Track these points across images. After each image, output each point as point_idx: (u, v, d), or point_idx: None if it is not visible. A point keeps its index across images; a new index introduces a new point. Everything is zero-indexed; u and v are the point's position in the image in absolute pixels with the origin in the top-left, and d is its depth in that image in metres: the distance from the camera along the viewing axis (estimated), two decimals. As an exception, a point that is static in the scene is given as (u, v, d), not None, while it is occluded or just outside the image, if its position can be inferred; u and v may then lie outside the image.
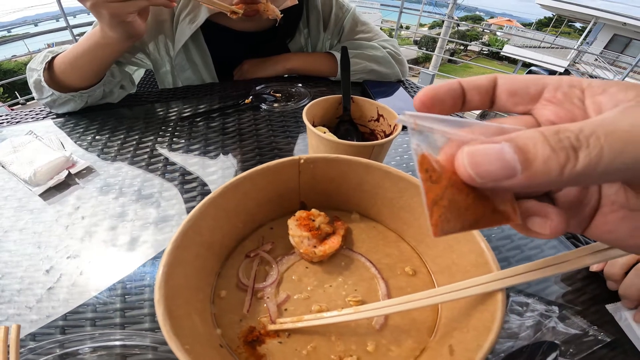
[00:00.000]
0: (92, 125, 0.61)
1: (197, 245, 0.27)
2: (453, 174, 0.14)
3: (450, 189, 0.14)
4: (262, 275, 0.31)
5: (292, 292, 0.30)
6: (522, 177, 0.12)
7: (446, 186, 0.14)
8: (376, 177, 0.32)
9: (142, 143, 0.56)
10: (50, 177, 0.47)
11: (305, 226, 0.31)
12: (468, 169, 0.13)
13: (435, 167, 0.14)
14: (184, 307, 0.25)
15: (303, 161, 0.32)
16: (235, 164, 0.51)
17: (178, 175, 0.49)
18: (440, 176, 0.14)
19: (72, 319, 0.32)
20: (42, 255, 0.38)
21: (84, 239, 0.40)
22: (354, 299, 0.30)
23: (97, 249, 0.39)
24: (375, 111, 0.45)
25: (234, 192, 0.29)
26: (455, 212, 0.14)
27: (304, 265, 0.32)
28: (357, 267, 0.32)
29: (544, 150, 0.12)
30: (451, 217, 0.14)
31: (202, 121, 0.61)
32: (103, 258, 0.38)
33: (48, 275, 0.36)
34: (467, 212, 0.15)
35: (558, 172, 0.12)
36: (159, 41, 0.68)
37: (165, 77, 0.74)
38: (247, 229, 0.34)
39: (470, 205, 0.15)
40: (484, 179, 0.13)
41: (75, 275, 0.36)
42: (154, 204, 0.44)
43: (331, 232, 0.32)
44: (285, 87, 0.72)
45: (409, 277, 0.32)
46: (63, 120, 0.62)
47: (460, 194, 0.14)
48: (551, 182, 0.12)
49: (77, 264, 0.37)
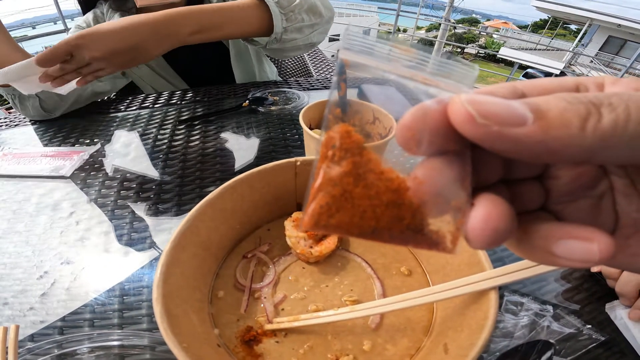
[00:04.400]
0: (88, 129, 0.61)
1: (195, 246, 0.28)
2: (369, 162, 0.11)
3: (353, 178, 0.11)
4: (259, 276, 0.32)
5: (288, 292, 0.31)
6: (535, 126, 0.09)
7: (349, 172, 0.11)
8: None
9: (140, 146, 0.56)
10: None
11: (301, 227, 0.32)
12: (466, 105, 0.10)
13: (349, 145, 0.11)
14: (182, 306, 0.25)
15: (299, 163, 0.32)
16: (233, 167, 0.51)
17: (176, 177, 0.49)
18: (345, 156, 0.11)
19: (70, 319, 0.32)
20: (38, 259, 0.38)
21: (80, 243, 0.40)
22: (350, 299, 0.30)
23: (94, 252, 0.39)
24: (371, 114, 0.46)
25: (231, 193, 0.30)
26: (347, 209, 0.11)
27: (300, 265, 0.33)
28: (353, 267, 0.33)
29: (558, 102, 0.10)
30: (337, 212, 0.11)
31: (200, 124, 0.62)
32: (101, 261, 0.38)
33: (45, 279, 0.36)
34: (365, 215, 0.11)
35: (579, 125, 0.09)
36: None
37: (133, 78, 0.77)
38: (244, 230, 0.34)
39: (374, 207, 0.11)
40: (487, 119, 0.10)
41: (72, 279, 0.36)
42: (150, 207, 0.44)
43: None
44: (282, 90, 0.73)
45: (404, 277, 0.33)
46: (60, 123, 0.62)
47: (366, 189, 0.11)
48: (572, 139, 0.09)
49: (74, 268, 0.37)
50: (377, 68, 0.11)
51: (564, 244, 0.11)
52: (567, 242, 0.11)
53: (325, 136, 0.11)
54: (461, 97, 0.10)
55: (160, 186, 0.48)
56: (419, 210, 0.11)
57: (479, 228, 0.11)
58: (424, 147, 0.11)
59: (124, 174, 0.50)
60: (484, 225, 0.11)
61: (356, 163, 0.11)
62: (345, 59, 0.11)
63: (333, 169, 0.11)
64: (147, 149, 0.55)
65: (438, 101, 0.11)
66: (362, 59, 0.11)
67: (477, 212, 0.11)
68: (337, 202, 0.11)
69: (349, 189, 0.11)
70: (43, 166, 0.50)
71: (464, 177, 0.11)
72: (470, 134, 0.10)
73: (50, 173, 0.49)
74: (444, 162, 0.11)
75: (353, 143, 0.11)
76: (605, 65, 9.87)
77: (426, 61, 0.11)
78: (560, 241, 0.11)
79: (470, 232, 0.11)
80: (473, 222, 0.11)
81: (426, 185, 0.11)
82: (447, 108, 0.11)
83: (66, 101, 0.62)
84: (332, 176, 0.11)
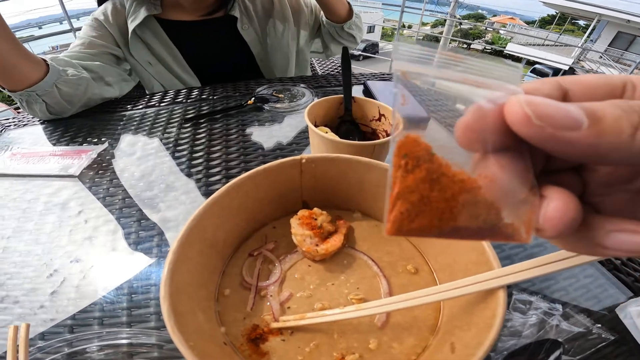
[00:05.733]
0: (95, 129, 0.61)
1: (201, 243, 0.28)
2: (440, 166, 0.12)
3: (428, 183, 0.12)
4: (265, 274, 0.32)
5: (294, 290, 0.31)
6: (589, 131, 0.10)
7: (424, 178, 0.12)
8: (377, 175, 0.33)
9: (147, 145, 0.57)
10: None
11: (307, 225, 0.32)
12: (524, 106, 0.10)
13: (420, 153, 0.12)
14: (189, 304, 0.25)
15: (305, 161, 0.32)
16: (239, 165, 0.52)
17: (182, 176, 0.49)
18: (419, 164, 0.12)
19: (80, 318, 0.32)
20: (48, 257, 0.38)
21: (88, 242, 0.40)
22: (356, 297, 0.30)
23: (102, 250, 0.39)
24: (377, 111, 0.46)
25: (237, 191, 0.30)
26: (426, 213, 0.12)
27: (306, 263, 0.33)
28: (359, 265, 0.33)
29: (613, 110, 0.10)
30: (417, 216, 0.12)
31: (206, 122, 0.62)
32: (109, 259, 0.38)
33: (54, 278, 0.36)
34: (443, 216, 0.12)
35: (630, 132, 0.10)
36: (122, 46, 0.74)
37: (142, 76, 0.80)
38: (250, 228, 0.34)
39: (451, 208, 0.12)
40: (543, 120, 0.10)
41: (81, 277, 0.36)
42: (157, 205, 0.45)
43: (333, 230, 0.33)
44: (287, 87, 0.73)
45: (410, 275, 0.32)
46: (68, 123, 0.63)
47: (442, 192, 0.12)
48: (621, 145, 0.10)
49: (83, 266, 0.37)
50: (433, 76, 0.12)
51: (615, 236, 0.12)
52: (617, 234, 0.12)
53: (396, 147, 0.12)
54: (519, 98, 0.11)
55: (166, 185, 0.48)
56: (492, 206, 0.12)
57: (556, 218, 0.11)
58: (487, 145, 0.12)
59: (132, 172, 0.50)
60: (561, 215, 0.11)
61: (429, 169, 0.12)
62: (402, 70, 0.12)
63: (408, 177, 0.12)
64: (153, 147, 0.56)
65: (492, 101, 0.11)
66: (417, 69, 0.12)
67: (554, 204, 0.12)
68: (417, 208, 0.12)
69: (426, 194, 0.12)
70: (52, 165, 0.51)
71: (528, 171, 0.12)
72: (525, 133, 0.11)
73: (59, 172, 0.49)
74: (508, 159, 0.12)
75: (422, 150, 0.12)
76: (615, 61, 9.71)
77: (474, 64, 0.12)
78: (611, 233, 0.12)
79: (547, 222, 0.12)
80: (551, 213, 0.12)
81: (496, 182, 0.12)
82: (505, 108, 0.11)
83: (74, 106, 0.63)
84: (409, 184, 0.12)
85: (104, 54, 0.70)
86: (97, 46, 0.70)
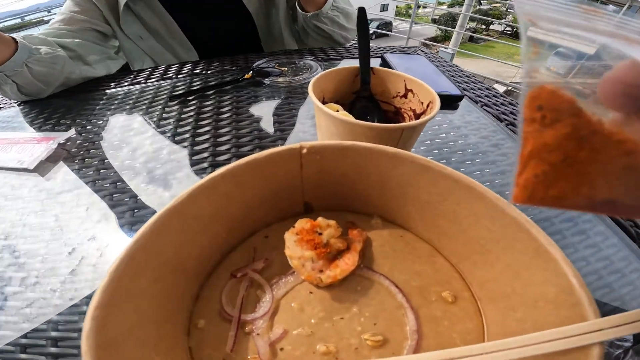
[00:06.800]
0: (72, 109, 0.53)
1: (156, 269, 0.20)
2: (590, 123, 0.10)
3: (575, 141, 0.10)
4: (252, 302, 0.24)
5: (290, 325, 0.23)
6: None
7: (569, 135, 0.10)
8: (407, 172, 0.24)
9: (127, 127, 0.48)
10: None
11: (308, 242, 0.23)
12: None
13: (561, 105, 0.10)
14: (138, 352, 0.17)
15: (306, 151, 0.23)
16: (229, 149, 0.43)
17: (159, 164, 0.41)
18: (560, 118, 0.10)
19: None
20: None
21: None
22: (372, 338, 0.22)
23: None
24: (403, 85, 0.36)
25: (210, 194, 0.21)
26: (571, 178, 0.10)
27: (307, 289, 0.24)
28: (378, 291, 0.24)
29: None
30: (557, 181, 0.10)
31: (195, 99, 0.53)
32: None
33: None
34: (595, 184, 0.10)
35: None
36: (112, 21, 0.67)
37: (131, 52, 0.72)
38: (234, 238, 0.26)
39: (606, 174, 0.10)
40: None
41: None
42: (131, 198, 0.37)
43: (344, 248, 0.24)
44: (292, 59, 0.63)
45: (446, 304, 0.24)
46: (43, 105, 0.55)
47: (593, 153, 0.10)
48: None
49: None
50: (574, 25, 0.10)
51: None
52: None
53: (527, 97, 0.10)
54: None
55: (146, 174, 0.40)
56: None
57: None
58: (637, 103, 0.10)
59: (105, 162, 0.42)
60: None
61: (576, 125, 0.10)
62: (529, 17, 0.10)
63: (546, 132, 0.10)
64: (133, 128, 0.47)
65: None
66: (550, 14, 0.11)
67: None
68: (558, 170, 0.10)
69: (571, 154, 0.10)
70: (11, 156, 0.43)
71: None
72: None
73: (16, 165, 0.42)
74: None
75: (565, 103, 0.10)
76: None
77: (618, 19, 0.11)
78: None
79: None
80: None
81: None
82: None
83: (50, 86, 0.56)
84: (547, 141, 0.10)
85: (85, 30, 0.63)
86: (78, 22, 0.62)
